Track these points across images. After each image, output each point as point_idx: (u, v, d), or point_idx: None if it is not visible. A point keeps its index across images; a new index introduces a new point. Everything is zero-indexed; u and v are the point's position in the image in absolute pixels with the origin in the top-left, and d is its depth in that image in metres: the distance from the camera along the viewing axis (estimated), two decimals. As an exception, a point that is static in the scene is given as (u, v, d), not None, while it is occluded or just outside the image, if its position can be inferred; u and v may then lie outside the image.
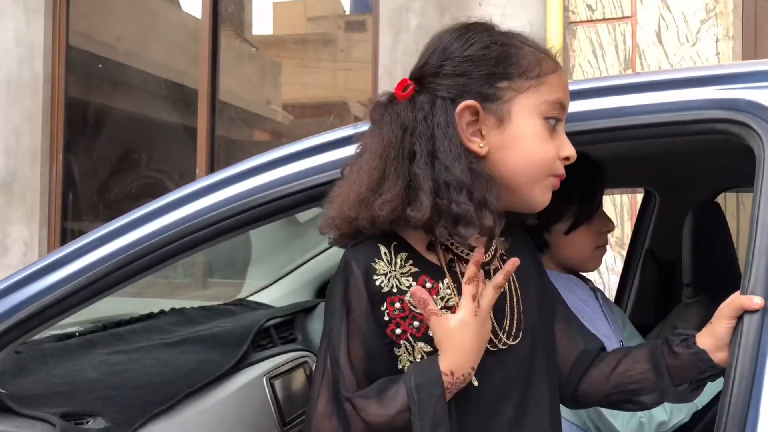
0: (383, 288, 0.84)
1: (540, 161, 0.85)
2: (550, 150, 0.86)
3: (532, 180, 0.85)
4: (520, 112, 0.84)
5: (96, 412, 1.12)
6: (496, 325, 0.87)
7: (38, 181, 4.05)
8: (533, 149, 0.85)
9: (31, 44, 4.08)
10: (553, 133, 0.86)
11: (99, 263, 1.05)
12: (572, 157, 0.86)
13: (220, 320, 1.82)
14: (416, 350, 0.84)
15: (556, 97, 0.86)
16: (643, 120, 0.92)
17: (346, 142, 1.04)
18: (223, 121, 4.22)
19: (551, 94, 0.86)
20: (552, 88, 0.86)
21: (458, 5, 3.33)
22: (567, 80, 0.90)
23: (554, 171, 0.86)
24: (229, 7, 4.54)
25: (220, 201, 1.04)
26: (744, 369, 0.81)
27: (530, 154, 0.85)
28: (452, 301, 0.84)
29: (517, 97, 0.84)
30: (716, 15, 3.05)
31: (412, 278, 0.85)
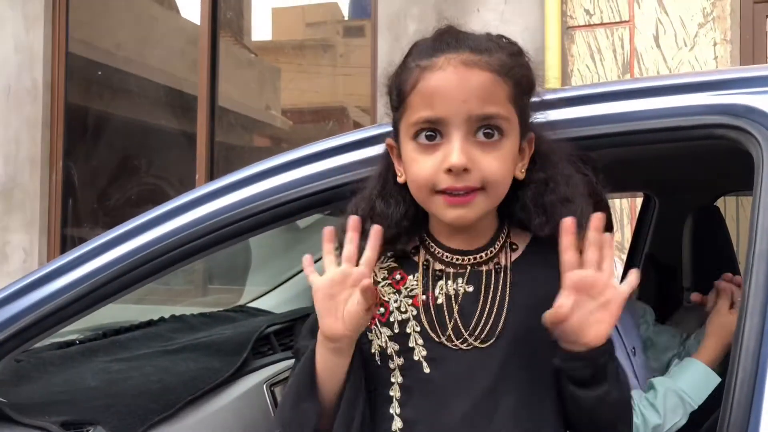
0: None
1: (415, 183, 0.87)
2: (422, 169, 0.86)
3: (421, 200, 0.88)
4: (401, 139, 0.89)
5: (96, 420, 1.12)
6: (461, 323, 0.87)
7: (38, 187, 4.05)
8: (410, 173, 0.88)
9: (30, 51, 4.09)
10: (429, 149, 0.85)
11: (99, 271, 1.05)
12: (453, 167, 0.83)
13: (220, 327, 1.81)
14: (382, 334, 0.90)
15: (416, 117, 0.86)
16: (642, 126, 0.92)
17: (347, 149, 1.04)
18: (222, 127, 4.22)
19: (411, 115, 0.86)
20: (412, 109, 0.86)
21: (456, 11, 3.34)
22: (444, 79, 0.84)
23: (434, 188, 0.85)
24: (228, 13, 4.56)
25: (220, 208, 1.04)
26: (745, 374, 0.81)
27: (410, 176, 0.88)
28: (414, 292, 0.90)
29: (399, 125, 0.90)
30: (714, 19, 3.06)
31: (387, 272, 0.92)
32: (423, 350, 0.88)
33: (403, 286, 0.91)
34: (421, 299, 0.89)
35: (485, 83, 0.85)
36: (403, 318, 0.89)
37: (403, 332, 0.89)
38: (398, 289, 0.91)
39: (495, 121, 0.85)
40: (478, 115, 0.84)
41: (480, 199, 0.85)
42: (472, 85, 0.84)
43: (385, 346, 0.90)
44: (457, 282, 0.89)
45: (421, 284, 0.90)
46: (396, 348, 0.89)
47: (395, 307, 0.90)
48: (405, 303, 0.90)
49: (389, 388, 0.89)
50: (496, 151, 0.85)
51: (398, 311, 0.90)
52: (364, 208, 0.92)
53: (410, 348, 0.88)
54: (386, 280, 0.92)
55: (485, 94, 0.84)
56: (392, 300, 0.90)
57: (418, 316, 0.89)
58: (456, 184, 0.84)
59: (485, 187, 0.85)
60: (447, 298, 0.89)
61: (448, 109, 0.84)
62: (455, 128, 0.84)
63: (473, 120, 0.84)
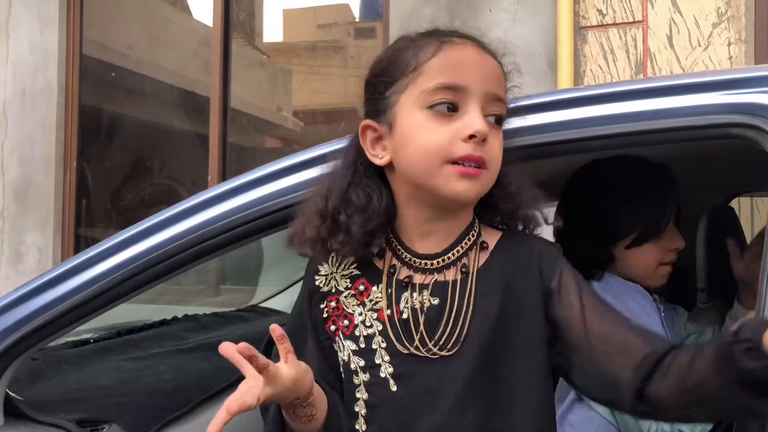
0: (322, 288, 0.92)
1: (424, 152, 0.84)
2: (437, 137, 0.83)
3: (425, 172, 0.84)
4: (402, 112, 0.86)
5: (111, 418, 1.13)
6: (426, 335, 0.85)
7: (52, 188, 4.08)
8: (417, 142, 0.84)
9: (45, 53, 4.13)
10: (445, 119, 0.83)
11: (113, 271, 1.06)
12: (478, 132, 0.82)
13: (232, 327, 1.83)
14: (345, 348, 0.89)
15: (435, 83, 0.83)
16: (657, 125, 0.92)
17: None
18: (234, 128, 4.24)
19: (429, 81, 0.84)
20: (430, 75, 0.84)
21: (468, 11, 3.33)
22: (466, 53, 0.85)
23: (447, 158, 0.83)
24: (240, 15, 4.57)
25: (233, 209, 1.04)
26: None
27: (415, 147, 0.85)
28: (379, 305, 0.87)
29: (399, 98, 0.86)
30: (728, 19, 3.03)
31: (350, 281, 0.90)
32: (389, 367, 0.86)
33: (367, 298, 0.88)
34: (386, 313, 0.86)
35: (498, 69, 0.88)
36: (369, 333, 0.87)
37: (369, 347, 0.87)
38: (362, 301, 0.89)
39: (501, 107, 0.87)
40: (494, 94, 0.85)
41: (484, 177, 0.85)
42: (491, 65, 0.87)
43: (348, 360, 0.88)
44: (423, 294, 0.86)
45: (386, 296, 0.87)
46: (361, 364, 0.87)
47: (360, 320, 0.88)
48: (370, 317, 0.88)
49: (354, 403, 0.87)
50: (499, 136, 0.87)
51: (363, 325, 0.88)
52: (335, 201, 0.88)
53: (376, 364, 0.86)
54: (349, 290, 0.90)
55: (498, 78, 0.87)
56: (356, 312, 0.88)
57: (384, 331, 0.86)
58: (474, 153, 0.82)
59: (489, 167, 0.85)
60: (413, 311, 0.86)
61: (470, 80, 0.84)
62: (475, 100, 0.84)
63: (489, 98, 0.85)
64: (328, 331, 0.90)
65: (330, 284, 0.91)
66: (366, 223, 0.86)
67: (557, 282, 0.88)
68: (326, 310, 0.90)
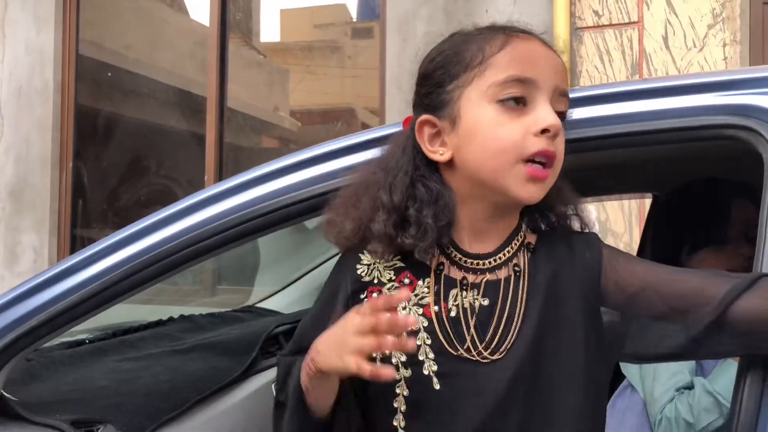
0: (363, 278, 0.88)
1: (495, 148, 0.81)
2: (509, 133, 0.80)
3: (496, 170, 0.82)
4: (467, 106, 0.83)
5: (106, 419, 1.13)
6: (477, 337, 0.83)
7: (48, 188, 4.07)
8: (487, 138, 0.81)
9: (41, 52, 4.12)
10: (515, 114, 0.81)
11: (109, 271, 1.05)
12: (551, 127, 0.80)
13: (228, 327, 1.82)
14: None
15: (505, 75, 0.81)
16: (651, 126, 0.92)
17: (355, 150, 1.04)
18: (231, 128, 4.24)
19: (498, 74, 0.81)
20: (499, 68, 0.82)
21: (465, 12, 3.34)
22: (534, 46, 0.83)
23: (521, 154, 0.80)
24: (237, 15, 4.57)
25: (229, 209, 1.04)
26: (755, 375, 0.80)
27: (485, 143, 0.82)
28: (425, 300, 0.84)
29: (464, 92, 0.83)
30: (723, 20, 3.04)
31: (393, 272, 0.87)
32: (434, 365, 0.82)
33: (412, 292, 0.85)
34: (434, 309, 0.84)
35: (563, 65, 0.86)
36: (413, 329, 0.83)
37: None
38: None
39: (566, 103, 0.85)
40: (562, 89, 0.84)
41: (550, 180, 0.83)
42: (557, 60, 0.85)
43: (389, 354, 0.83)
44: (473, 293, 0.84)
45: (433, 292, 0.84)
46: (403, 359, 0.83)
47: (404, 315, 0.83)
48: (415, 312, 0.84)
49: (393, 399, 0.83)
50: (563, 134, 0.84)
51: None
52: (399, 195, 0.84)
53: (419, 361, 0.83)
54: (393, 282, 0.86)
55: (565, 74, 0.86)
56: (400, 306, 0.84)
57: (430, 328, 0.83)
58: (549, 148, 0.80)
59: (554, 166, 0.82)
60: (462, 310, 0.83)
61: (541, 73, 0.82)
62: (544, 94, 0.81)
63: (557, 93, 0.83)
64: None
65: (372, 274, 0.87)
66: (439, 217, 0.83)
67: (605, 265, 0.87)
68: (366, 300, 0.85)
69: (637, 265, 0.89)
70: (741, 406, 0.79)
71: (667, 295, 0.85)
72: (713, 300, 0.81)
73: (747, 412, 0.78)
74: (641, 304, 0.86)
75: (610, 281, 0.87)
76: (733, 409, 0.80)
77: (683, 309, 0.83)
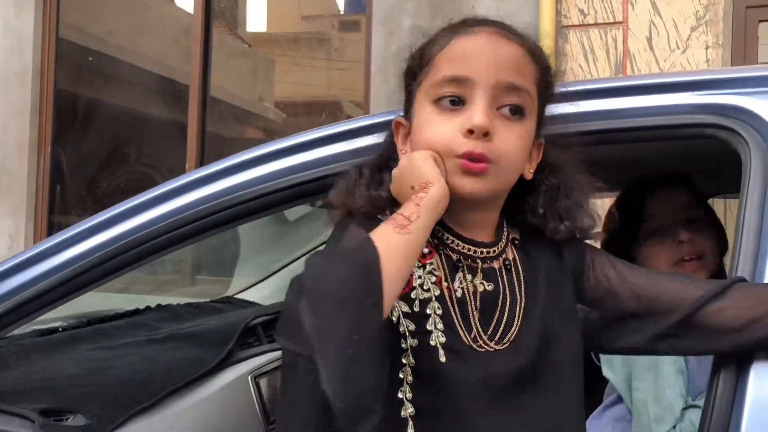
0: None
1: (427, 145, 0.82)
2: (439, 131, 0.81)
3: None
4: (417, 107, 0.85)
5: (76, 408, 1.11)
6: (480, 326, 0.83)
7: (25, 173, 4.01)
8: (421, 136, 0.83)
9: (20, 35, 4.04)
10: (451, 114, 0.81)
11: (81, 257, 1.04)
12: (475, 127, 0.79)
13: (206, 317, 1.80)
14: (396, 308, 0.81)
15: (441, 76, 0.81)
16: (630, 123, 0.92)
17: (335, 139, 1.03)
18: (213, 117, 4.20)
19: (436, 74, 0.82)
20: (437, 68, 0.82)
21: (451, 6, 3.33)
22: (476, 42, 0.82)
23: (451, 151, 0.80)
24: (222, 3, 4.53)
25: (206, 196, 1.03)
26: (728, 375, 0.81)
27: (420, 140, 0.83)
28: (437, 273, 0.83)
29: (416, 94, 0.85)
30: (706, 22, 3.06)
31: None
32: (442, 336, 0.80)
33: (428, 261, 0.83)
34: (444, 285, 0.82)
35: (518, 55, 0.83)
36: (425, 297, 0.81)
37: (423, 312, 0.81)
38: (423, 263, 0.83)
39: (520, 96, 0.82)
40: (507, 83, 0.81)
41: (492, 172, 0.81)
42: (506, 53, 0.82)
43: (397, 322, 0.80)
44: (476, 277, 0.84)
45: (442, 271, 0.83)
46: (411, 328, 0.80)
47: (418, 283, 0.82)
48: (428, 280, 0.82)
49: (398, 370, 0.80)
50: (516, 128, 0.82)
51: (421, 288, 0.82)
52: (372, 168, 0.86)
53: (427, 330, 0.81)
54: None
55: (517, 65, 0.82)
56: (415, 275, 0.82)
57: (441, 298, 0.82)
58: (474, 149, 0.79)
59: (497, 162, 0.81)
60: (468, 292, 0.83)
61: (477, 71, 0.80)
62: (481, 92, 0.80)
63: (500, 88, 0.81)
64: None
65: None
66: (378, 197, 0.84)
67: (588, 263, 0.90)
68: None
69: (617, 265, 0.91)
70: (714, 402, 0.80)
71: (643, 297, 0.88)
72: (685, 303, 0.85)
73: (720, 407, 0.79)
74: (617, 303, 0.90)
75: (591, 278, 0.90)
76: (707, 406, 0.81)
77: (657, 311, 0.87)
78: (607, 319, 0.92)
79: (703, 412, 0.81)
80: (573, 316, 0.89)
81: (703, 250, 1.31)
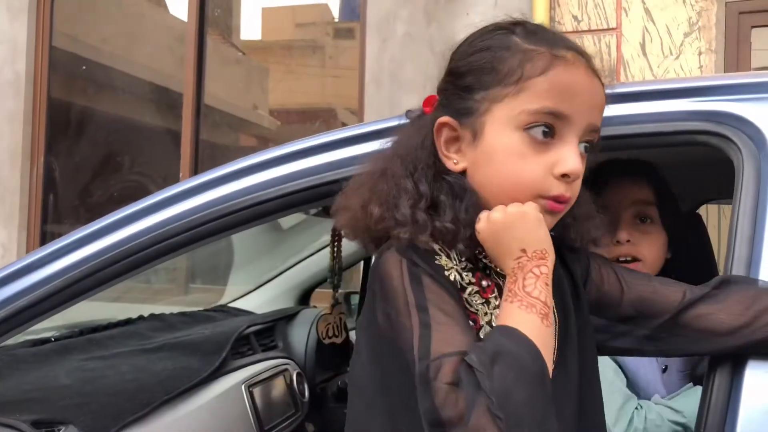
0: (456, 284, 0.77)
1: (514, 181, 0.76)
2: (530, 168, 0.76)
3: (511, 198, 0.77)
4: (493, 124, 0.77)
5: (68, 419, 1.10)
6: None
7: (18, 182, 3.99)
8: (505, 167, 0.77)
9: (13, 43, 4.03)
10: (540, 147, 0.76)
11: (74, 267, 1.03)
12: (572, 173, 0.75)
13: (199, 326, 1.80)
14: None
15: (540, 105, 0.75)
16: (624, 130, 0.92)
17: (327, 148, 1.03)
18: (207, 125, 4.19)
19: (534, 102, 0.75)
20: (536, 95, 0.75)
21: (445, 14, 3.34)
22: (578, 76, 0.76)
23: (541, 192, 0.76)
24: (216, 11, 4.53)
25: (198, 206, 1.02)
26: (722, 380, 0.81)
27: (502, 171, 0.77)
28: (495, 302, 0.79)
29: (492, 107, 0.77)
30: (699, 29, 3.08)
31: (471, 274, 0.79)
32: None
33: (491, 295, 0.79)
34: None
35: (603, 97, 0.80)
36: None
37: None
38: (486, 298, 0.78)
39: (595, 136, 0.80)
40: (594, 126, 0.78)
41: (564, 212, 0.79)
42: (599, 93, 0.79)
43: None
44: None
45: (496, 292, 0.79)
46: None
47: (486, 321, 0.78)
48: (496, 316, 0.77)
49: None
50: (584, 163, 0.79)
51: (489, 326, 0.77)
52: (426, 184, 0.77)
53: None
54: (473, 285, 0.79)
55: (602, 107, 0.80)
56: (481, 312, 0.78)
57: None
58: (566, 193, 0.76)
59: (570, 203, 0.79)
60: None
61: (577, 110, 0.76)
62: (575, 131, 0.76)
63: (589, 129, 0.78)
64: None
65: (455, 278, 0.77)
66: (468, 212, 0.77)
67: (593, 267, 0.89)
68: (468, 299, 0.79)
69: (616, 269, 0.92)
70: (710, 403, 0.80)
71: (635, 299, 0.88)
72: (672, 305, 0.85)
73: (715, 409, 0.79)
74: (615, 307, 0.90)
75: (594, 283, 0.90)
76: (702, 407, 0.81)
77: (646, 313, 0.87)
78: (603, 321, 0.92)
79: (699, 414, 0.81)
80: (590, 321, 0.89)
81: (642, 252, 1.24)
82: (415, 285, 0.74)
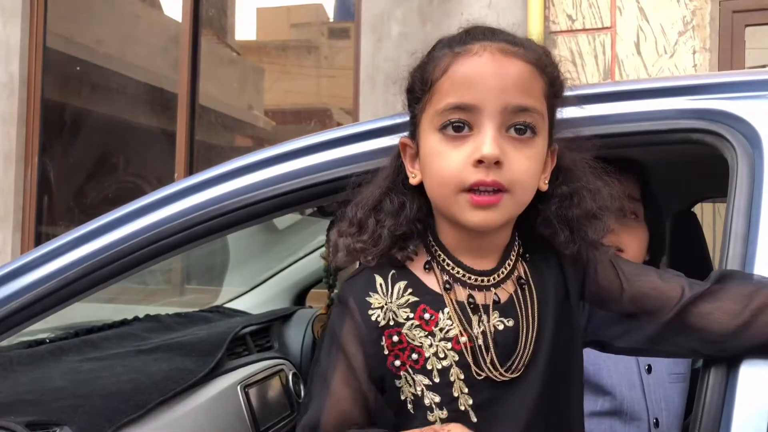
0: (380, 322, 0.82)
1: (438, 179, 0.79)
2: (448, 163, 0.78)
3: (443, 198, 0.80)
4: (422, 134, 0.82)
5: (63, 421, 1.09)
6: (496, 359, 0.81)
7: (12, 184, 3.97)
8: (431, 168, 0.80)
9: (7, 45, 4.02)
10: (458, 141, 0.77)
11: (68, 268, 1.02)
12: (485, 158, 0.75)
13: (195, 327, 1.79)
14: (416, 383, 0.81)
15: (445, 103, 0.77)
16: (619, 128, 0.92)
17: (322, 148, 1.03)
18: (202, 125, 4.18)
19: (440, 101, 0.78)
20: (441, 95, 0.78)
21: (440, 14, 3.34)
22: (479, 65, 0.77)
23: (460, 185, 0.77)
24: (210, 11, 4.52)
25: (192, 206, 1.02)
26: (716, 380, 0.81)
27: (430, 173, 0.80)
28: (452, 333, 0.81)
29: (420, 117, 0.82)
30: (693, 27, 3.09)
31: (409, 309, 0.82)
32: (469, 398, 0.80)
33: (435, 327, 0.81)
34: (462, 341, 0.80)
35: (524, 73, 0.78)
36: (444, 365, 0.80)
37: (446, 381, 0.80)
38: (430, 330, 0.81)
39: (530, 116, 0.78)
40: (515, 106, 0.77)
41: (506, 202, 0.78)
42: (511, 73, 0.78)
43: (421, 395, 0.80)
44: (494, 315, 0.82)
45: (458, 322, 0.81)
46: (437, 400, 0.80)
47: (432, 353, 0.80)
48: (443, 348, 0.80)
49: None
50: (528, 149, 0.78)
51: (436, 358, 0.80)
52: (365, 208, 0.84)
53: (454, 398, 0.80)
54: (412, 320, 0.81)
55: (523, 84, 0.78)
56: (426, 344, 0.81)
57: (461, 362, 0.80)
58: (486, 178, 0.76)
59: (512, 189, 0.78)
60: (483, 334, 0.81)
61: (482, 97, 0.77)
62: (488, 118, 0.77)
63: (508, 111, 0.77)
64: (391, 367, 0.82)
65: (387, 316, 0.82)
66: (395, 228, 0.82)
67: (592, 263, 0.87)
68: (385, 345, 0.82)
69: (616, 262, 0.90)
70: (705, 402, 0.80)
71: (636, 295, 0.87)
72: (671, 303, 0.84)
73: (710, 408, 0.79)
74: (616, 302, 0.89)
75: (592, 279, 0.88)
76: (697, 407, 0.81)
77: (648, 309, 0.86)
78: (610, 318, 0.91)
79: (693, 416, 0.81)
80: (578, 329, 0.88)
81: (624, 242, 1.24)
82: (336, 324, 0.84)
